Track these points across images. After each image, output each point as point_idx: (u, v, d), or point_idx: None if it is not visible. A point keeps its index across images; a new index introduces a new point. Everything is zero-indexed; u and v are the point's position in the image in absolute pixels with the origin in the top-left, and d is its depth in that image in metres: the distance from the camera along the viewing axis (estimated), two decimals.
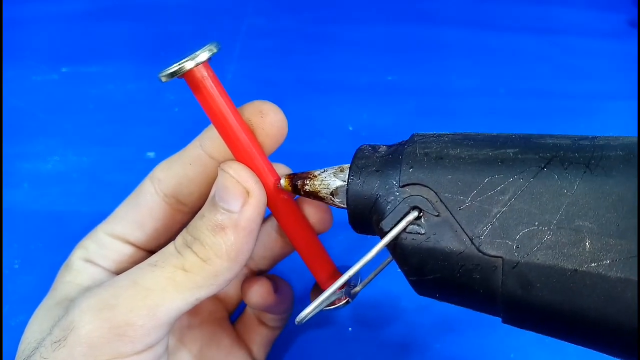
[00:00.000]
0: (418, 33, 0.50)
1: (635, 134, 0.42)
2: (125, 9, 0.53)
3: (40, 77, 0.47)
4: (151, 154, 0.41)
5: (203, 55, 0.20)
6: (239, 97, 0.23)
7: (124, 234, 0.25)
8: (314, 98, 0.45)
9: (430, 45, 0.49)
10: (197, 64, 0.20)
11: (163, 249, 0.22)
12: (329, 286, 0.24)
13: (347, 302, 0.24)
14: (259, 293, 0.25)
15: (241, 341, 0.29)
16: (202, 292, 0.21)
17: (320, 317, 0.33)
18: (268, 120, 0.22)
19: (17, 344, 0.23)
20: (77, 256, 0.25)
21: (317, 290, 0.25)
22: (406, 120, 0.43)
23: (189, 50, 0.20)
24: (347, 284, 0.24)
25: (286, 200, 0.23)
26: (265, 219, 0.27)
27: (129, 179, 0.40)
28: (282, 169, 0.24)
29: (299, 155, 0.29)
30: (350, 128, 0.43)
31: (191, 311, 0.28)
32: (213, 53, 0.20)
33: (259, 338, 0.29)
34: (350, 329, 0.33)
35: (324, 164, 0.39)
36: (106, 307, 0.20)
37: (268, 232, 0.27)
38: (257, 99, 0.23)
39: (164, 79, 0.20)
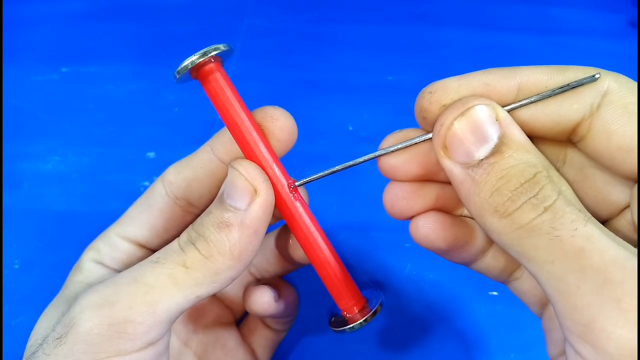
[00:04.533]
0: (418, 33, 0.50)
1: None
2: (125, 9, 0.53)
3: (40, 77, 0.47)
4: (151, 154, 0.41)
5: (213, 50, 0.20)
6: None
7: (136, 236, 0.25)
8: (314, 98, 0.45)
9: (430, 45, 0.49)
10: (208, 57, 0.20)
11: (166, 246, 0.21)
12: (345, 303, 0.23)
13: (369, 319, 0.23)
14: (260, 302, 0.25)
15: (246, 344, 0.29)
16: (203, 289, 0.20)
17: (321, 318, 0.33)
18: (279, 125, 0.22)
19: (17, 344, 0.23)
20: (88, 257, 0.25)
21: (336, 320, 0.24)
22: (406, 120, 0.43)
23: (188, 50, 0.20)
24: (367, 304, 0.24)
25: (300, 204, 0.22)
26: (268, 234, 0.27)
27: (129, 179, 0.41)
28: None
29: (299, 155, 0.29)
30: (350, 128, 0.43)
31: (197, 315, 0.28)
32: (221, 50, 0.20)
33: (263, 341, 0.29)
34: None
35: (324, 164, 0.39)
36: (106, 303, 0.19)
37: (270, 248, 0.27)
38: (257, 99, 0.23)
39: (177, 76, 0.20)
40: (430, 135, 0.20)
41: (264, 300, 0.25)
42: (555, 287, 0.16)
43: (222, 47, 0.20)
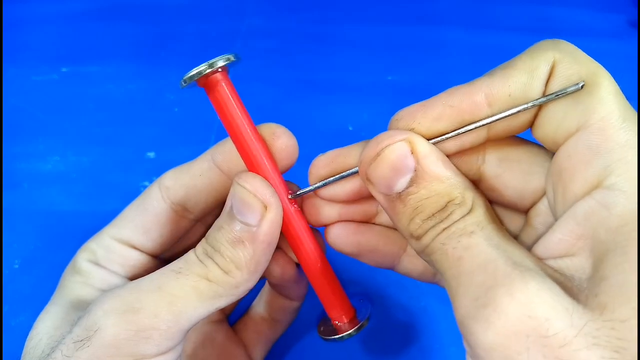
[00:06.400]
0: (418, 33, 0.50)
1: None
2: (125, 9, 0.53)
3: (40, 77, 0.47)
4: (151, 154, 0.41)
5: (221, 61, 0.20)
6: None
7: (130, 239, 0.25)
8: (314, 98, 0.45)
9: (430, 45, 0.49)
10: (216, 69, 0.20)
11: (184, 257, 0.22)
12: (335, 312, 0.24)
13: (359, 329, 0.23)
14: (279, 264, 0.25)
15: (238, 340, 0.29)
16: (223, 301, 0.21)
17: (318, 317, 0.33)
18: (279, 143, 0.22)
19: (17, 344, 0.23)
20: (84, 258, 0.25)
21: (326, 328, 0.25)
22: None
23: (188, 50, 0.20)
24: (356, 314, 0.24)
25: (297, 215, 0.23)
26: None
27: (129, 179, 0.41)
28: None
29: (298, 156, 0.29)
30: (350, 128, 0.43)
31: None
32: (231, 61, 0.20)
33: (260, 338, 0.29)
34: None
35: None
36: (130, 310, 0.20)
37: None
38: (257, 99, 0.23)
39: (183, 84, 0.20)
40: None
41: (283, 261, 0.25)
42: (449, 294, 0.18)
43: (231, 57, 0.20)
